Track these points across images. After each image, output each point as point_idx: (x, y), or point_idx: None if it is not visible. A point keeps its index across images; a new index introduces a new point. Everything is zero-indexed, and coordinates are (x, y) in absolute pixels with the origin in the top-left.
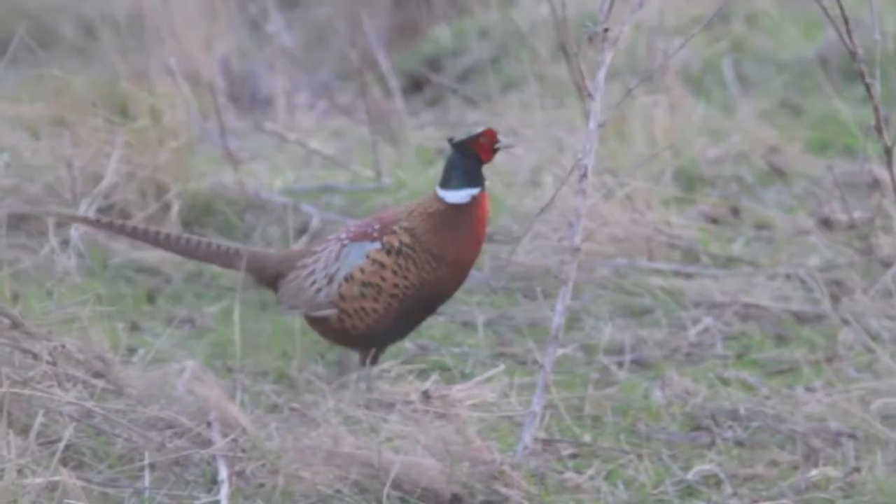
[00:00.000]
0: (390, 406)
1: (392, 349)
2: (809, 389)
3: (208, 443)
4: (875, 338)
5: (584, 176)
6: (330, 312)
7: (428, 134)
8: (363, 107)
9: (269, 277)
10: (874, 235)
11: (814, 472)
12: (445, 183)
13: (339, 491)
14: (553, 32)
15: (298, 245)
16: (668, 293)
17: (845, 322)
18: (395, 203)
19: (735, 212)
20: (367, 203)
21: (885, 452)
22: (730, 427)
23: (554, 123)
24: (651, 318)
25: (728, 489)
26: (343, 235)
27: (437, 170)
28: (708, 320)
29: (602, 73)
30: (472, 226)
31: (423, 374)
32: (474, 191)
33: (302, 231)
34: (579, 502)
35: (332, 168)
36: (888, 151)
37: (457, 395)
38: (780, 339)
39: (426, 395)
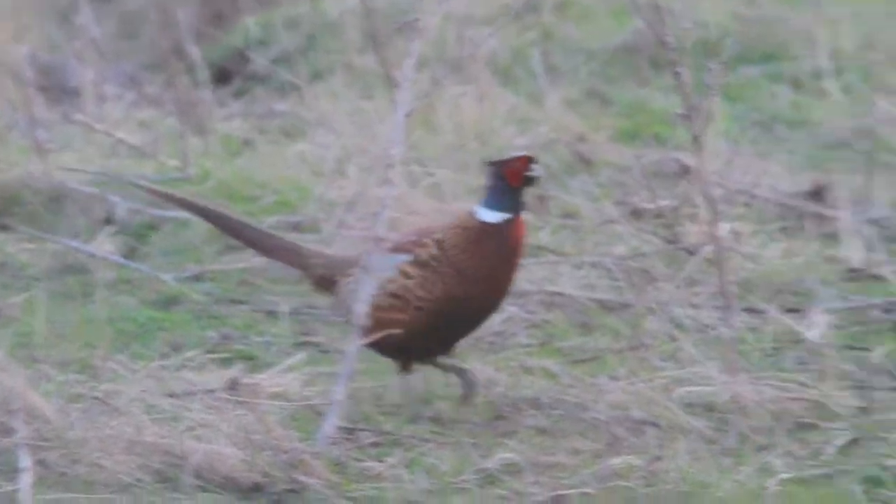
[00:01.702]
0: (192, 395)
1: (194, 338)
2: (613, 378)
3: (11, 432)
4: (679, 326)
5: (391, 165)
6: (367, 324)
7: (235, 125)
8: (171, 97)
9: (315, 278)
10: (680, 224)
11: (616, 460)
12: (482, 202)
13: (140, 480)
14: (362, 22)
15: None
16: None
17: (650, 311)
18: (199, 193)
19: (541, 200)
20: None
21: (687, 441)
22: (532, 415)
23: (362, 113)
24: None
25: (529, 477)
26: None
27: (244, 160)
28: (512, 309)
29: (410, 63)
30: (503, 247)
31: (226, 363)
32: (507, 215)
33: (107, 221)
34: (381, 491)
35: (140, 158)
36: (696, 140)
37: (261, 383)
38: (585, 328)
39: (233, 384)
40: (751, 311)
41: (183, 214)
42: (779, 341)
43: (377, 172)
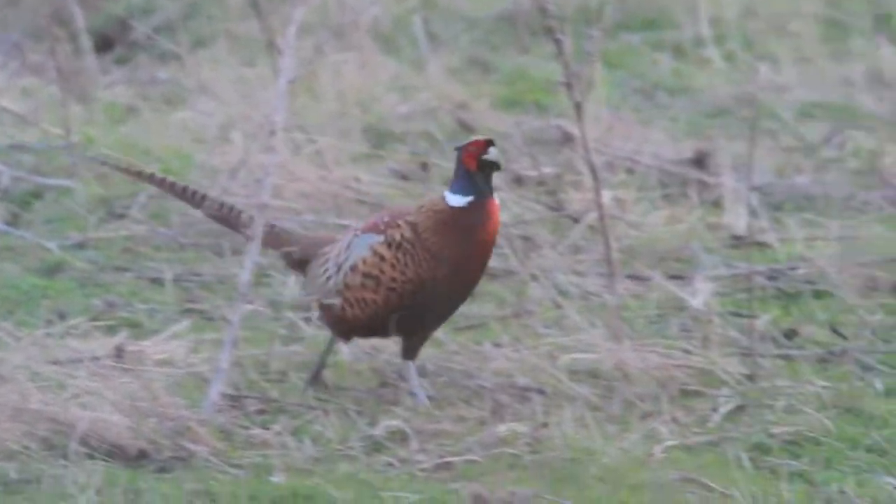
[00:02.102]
0: (78, 363)
1: (78, 305)
2: (497, 345)
3: None
4: (563, 294)
5: (274, 132)
6: (336, 301)
7: (118, 92)
8: (54, 65)
9: (296, 260)
10: (562, 191)
11: (501, 427)
12: (451, 185)
13: (26, 447)
14: None
15: None
16: None
17: (534, 277)
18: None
19: (424, 168)
20: (56, 161)
21: (572, 407)
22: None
23: (245, 80)
24: None
25: (415, 444)
26: (358, 226)
27: (128, 128)
28: None
29: (293, 31)
30: (473, 231)
31: (111, 331)
32: (469, 198)
33: None
34: (266, 458)
35: (23, 126)
36: (577, 107)
37: (146, 351)
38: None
39: (118, 351)
40: (634, 278)
41: (65, 182)
42: (663, 308)
43: (260, 139)
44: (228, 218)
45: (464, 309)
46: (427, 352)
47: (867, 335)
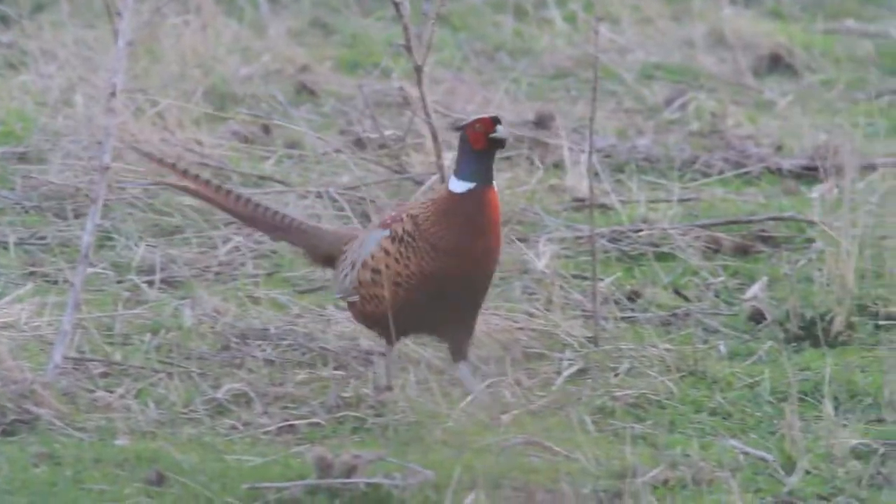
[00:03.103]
0: None
1: None
2: (341, 308)
3: None
4: None
5: (114, 94)
6: (355, 299)
7: None
8: None
9: (319, 256)
10: (404, 154)
11: (346, 390)
12: (454, 170)
13: None
14: None
15: None
16: (198, 212)
17: None
18: None
19: (266, 130)
20: None
21: (416, 371)
22: (259, 346)
23: (85, 43)
24: (181, 238)
25: (258, 407)
26: (376, 222)
27: None
28: (238, 239)
29: None
30: (475, 217)
31: None
32: (471, 185)
33: None
34: (110, 421)
35: None
36: (418, 70)
37: None
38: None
39: None
40: None
41: None
42: (506, 271)
43: (101, 102)
44: (264, 219)
45: (306, 271)
46: (269, 314)
47: (710, 297)
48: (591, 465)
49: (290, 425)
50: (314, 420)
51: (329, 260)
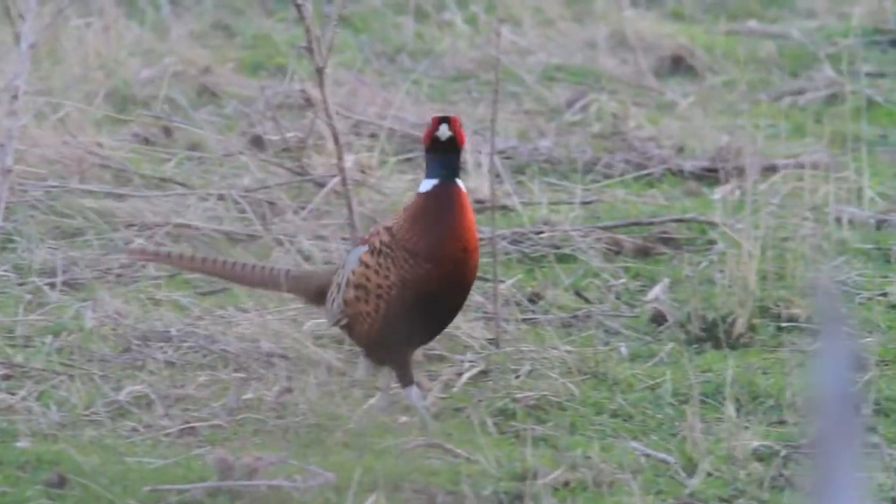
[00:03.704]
0: None
1: None
2: (242, 310)
3: None
4: (307, 258)
5: (16, 97)
6: (344, 321)
7: None
8: None
9: (314, 295)
10: (306, 156)
11: (246, 392)
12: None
13: None
14: None
15: None
16: (99, 214)
17: (278, 242)
18: None
19: (167, 132)
20: None
21: (316, 372)
22: (161, 348)
23: None
24: (83, 240)
25: (159, 409)
26: (356, 243)
27: None
28: (140, 241)
29: None
30: (443, 214)
31: None
32: (434, 181)
33: None
34: (11, 423)
35: None
36: (319, 72)
37: None
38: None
39: None
40: None
41: None
42: None
43: (2, 105)
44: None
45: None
46: (170, 316)
47: (611, 299)
48: (492, 467)
49: (191, 427)
50: (215, 422)
51: (321, 296)
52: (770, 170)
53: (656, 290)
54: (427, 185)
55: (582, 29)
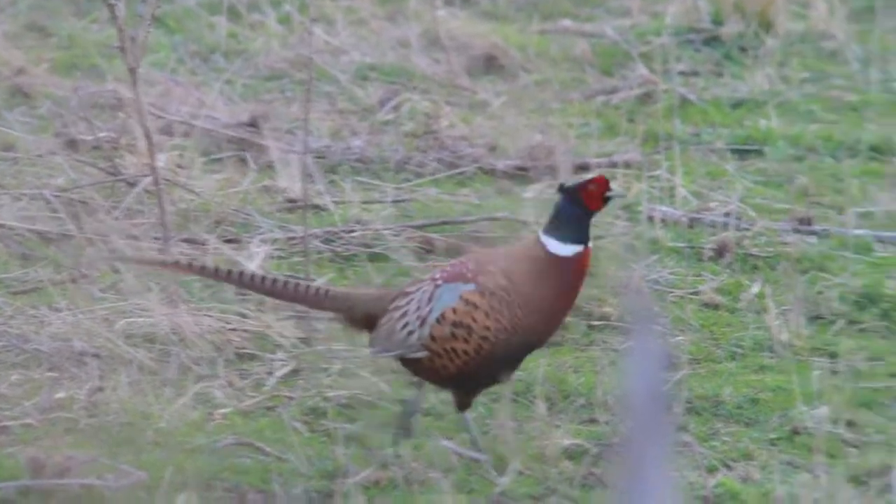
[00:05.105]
0: None
1: None
2: (54, 309)
3: None
4: (119, 257)
5: None
6: (422, 355)
7: None
8: None
9: (359, 318)
10: (119, 156)
11: (59, 391)
12: (551, 230)
13: None
14: None
15: None
16: None
17: (90, 242)
18: None
19: None
20: None
21: (128, 371)
22: None
23: None
24: None
25: None
26: (438, 276)
27: None
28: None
29: None
30: (571, 280)
31: None
32: (579, 247)
33: None
34: None
35: None
36: (132, 72)
37: None
38: (25, 259)
39: None
40: (190, 241)
41: None
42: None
43: None
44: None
45: (20, 273)
46: None
47: None
48: (303, 465)
49: (3, 426)
50: (27, 421)
51: (369, 321)
52: (582, 168)
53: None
54: (568, 249)
55: (395, 28)
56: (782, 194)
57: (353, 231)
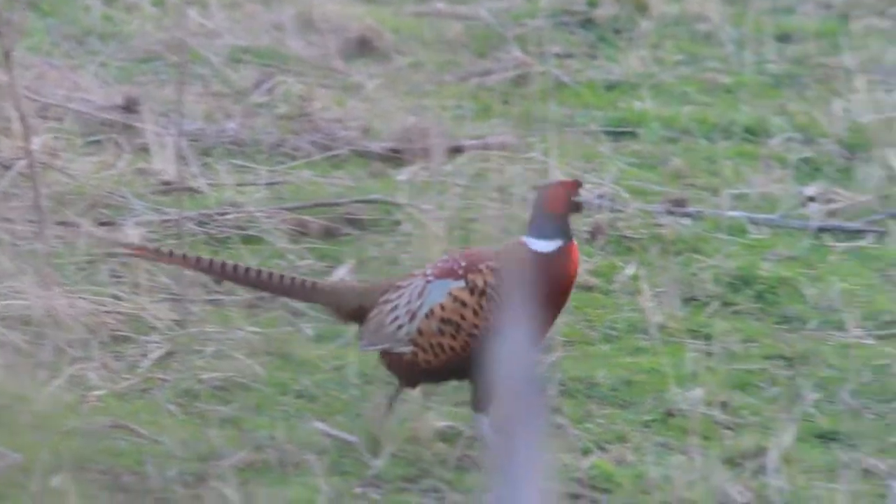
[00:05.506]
0: None
1: None
2: None
3: None
4: None
5: None
6: (408, 349)
7: None
8: None
9: (348, 311)
10: None
11: None
12: (531, 230)
13: None
14: None
15: None
16: None
17: None
18: None
19: None
20: None
21: (2, 353)
22: None
23: None
24: None
25: None
26: (429, 272)
27: None
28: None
29: None
30: (558, 276)
31: None
32: (559, 242)
33: None
34: None
35: None
36: (6, 55)
37: None
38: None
39: None
40: (65, 224)
41: None
42: (93, 255)
43: None
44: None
45: None
46: None
47: None
48: (177, 448)
49: None
50: None
51: (358, 314)
52: (456, 151)
53: (342, 271)
54: (549, 245)
55: (269, 11)
56: (656, 176)
57: (227, 213)
